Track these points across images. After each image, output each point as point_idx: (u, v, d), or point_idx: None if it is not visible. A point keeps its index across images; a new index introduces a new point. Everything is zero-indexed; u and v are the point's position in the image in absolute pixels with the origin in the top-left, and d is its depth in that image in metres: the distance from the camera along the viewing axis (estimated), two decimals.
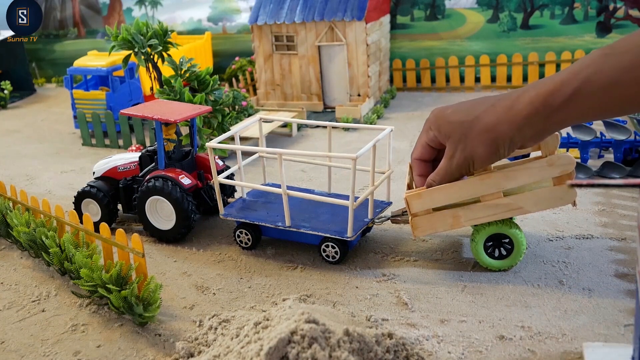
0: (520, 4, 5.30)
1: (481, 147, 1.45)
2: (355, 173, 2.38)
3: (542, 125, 1.42)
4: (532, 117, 1.41)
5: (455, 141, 1.50)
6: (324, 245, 2.52)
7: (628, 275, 2.30)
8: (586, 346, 1.84)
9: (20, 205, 2.81)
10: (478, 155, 1.45)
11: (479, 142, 1.45)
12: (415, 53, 5.55)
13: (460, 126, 1.50)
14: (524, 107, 1.42)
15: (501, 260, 2.36)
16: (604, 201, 2.93)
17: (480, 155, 1.46)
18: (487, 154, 1.46)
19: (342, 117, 4.57)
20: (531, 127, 1.42)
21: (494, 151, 1.45)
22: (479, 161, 1.48)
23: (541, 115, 1.40)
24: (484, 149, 1.44)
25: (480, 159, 1.47)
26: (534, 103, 1.41)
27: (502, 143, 1.44)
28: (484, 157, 1.47)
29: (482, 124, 1.46)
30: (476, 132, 1.45)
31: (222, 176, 2.75)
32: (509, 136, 1.43)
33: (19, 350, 2.10)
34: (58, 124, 5.14)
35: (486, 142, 1.44)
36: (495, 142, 1.44)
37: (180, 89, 3.57)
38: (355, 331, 1.76)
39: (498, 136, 1.43)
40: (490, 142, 1.44)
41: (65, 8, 6.71)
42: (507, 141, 1.43)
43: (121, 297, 2.14)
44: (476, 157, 1.46)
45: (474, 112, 1.50)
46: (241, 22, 6.04)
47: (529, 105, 1.42)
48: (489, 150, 1.45)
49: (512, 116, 1.43)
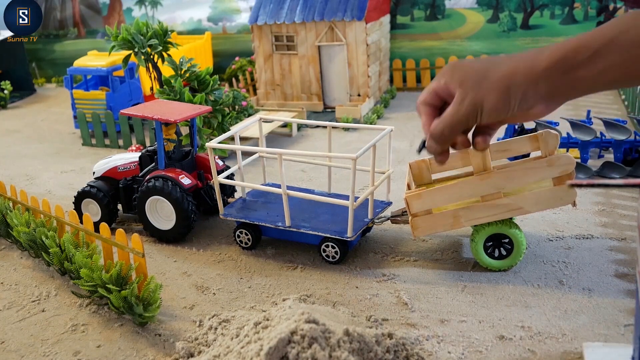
0: (520, 4, 5.30)
1: (493, 95, 1.39)
2: (355, 173, 2.38)
3: (560, 81, 1.36)
4: (550, 70, 1.36)
5: (467, 87, 1.43)
6: (324, 245, 2.52)
7: (628, 275, 2.30)
8: (586, 346, 1.84)
9: (20, 205, 2.81)
10: (488, 102, 1.40)
11: (491, 89, 1.39)
12: (415, 53, 5.55)
13: (474, 73, 1.43)
14: (544, 59, 1.37)
15: (501, 260, 2.36)
16: (604, 201, 2.93)
17: (491, 103, 1.40)
18: (498, 102, 1.39)
19: (342, 117, 4.57)
20: (547, 82, 1.37)
21: (505, 101, 1.39)
22: (488, 109, 1.41)
23: (560, 69, 1.35)
24: (496, 96, 1.38)
25: (489, 107, 1.41)
26: (554, 56, 1.36)
27: (514, 94, 1.38)
28: (494, 105, 1.40)
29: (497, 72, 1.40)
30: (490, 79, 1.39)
31: (222, 176, 2.75)
32: (523, 88, 1.37)
33: (19, 350, 2.10)
34: (58, 124, 5.14)
35: (499, 90, 1.38)
36: (508, 91, 1.38)
37: (180, 89, 3.57)
38: (355, 331, 1.76)
39: (512, 85, 1.37)
40: (504, 90, 1.38)
41: (65, 8, 6.71)
42: (520, 93, 1.37)
43: (121, 297, 2.14)
44: (486, 105, 1.40)
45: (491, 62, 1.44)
46: (241, 22, 6.04)
47: (549, 58, 1.37)
48: (501, 99, 1.38)
49: (529, 68, 1.38)
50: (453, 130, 1.44)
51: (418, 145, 1.52)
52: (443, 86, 1.47)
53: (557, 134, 2.37)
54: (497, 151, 2.44)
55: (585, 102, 4.60)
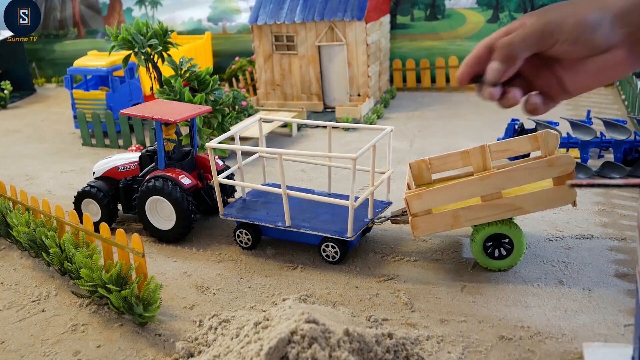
0: (520, 4, 5.30)
1: (574, 18, 1.14)
2: (355, 173, 2.38)
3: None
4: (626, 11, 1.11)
5: (544, 10, 1.17)
6: (324, 245, 2.52)
7: (628, 275, 2.30)
8: (586, 346, 1.84)
9: (20, 205, 2.81)
10: (566, 21, 1.15)
11: (572, 13, 1.14)
12: (415, 53, 5.55)
13: (550, 7, 1.18)
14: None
15: (501, 260, 2.36)
16: (604, 201, 2.93)
17: (569, 24, 1.14)
18: (579, 25, 1.14)
19: (342, 117, 4.57)
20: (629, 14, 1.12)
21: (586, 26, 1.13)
22: (567, 30, 1.14)
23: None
24: (577, 19, 1.13)
25: (566, 30, 1.15)
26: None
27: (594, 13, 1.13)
28: (573, 26, 1.14)
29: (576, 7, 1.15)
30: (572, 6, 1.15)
31: (222, 176, 2.75)
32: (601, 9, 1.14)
33: (19, 350, 2.10)
34: (58, 124, 5.14)
35: (580, 15, 1.13)
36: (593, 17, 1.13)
37: (180, 89, 3.57)
38: (355, 331, 1.76)
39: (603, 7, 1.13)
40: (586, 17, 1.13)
41: (65, 8, 6.71)
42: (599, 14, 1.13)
43: (121, 297, 2.14)
44: (562, 24, 1.15)
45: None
46: (241, 22, 6.04)
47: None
48: (582, 23, 1.13)
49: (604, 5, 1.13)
50: (523, 44, 1.17)
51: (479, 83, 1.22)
52: (518, 24, 1.20)
53: (557, 134, 2.37)
54: (497, 151, 2.45)
55: (585, 102, 4.60)
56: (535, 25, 1.17)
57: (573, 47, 1.15)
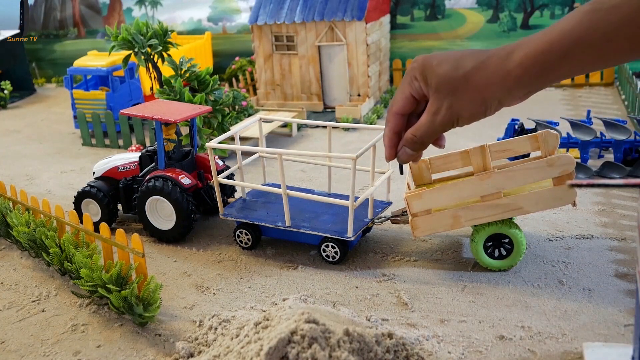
0: (520, 4, 5.31)
1: (469, 107, 1.45)
2: (355, 173, 2.38)
3: (534, 85, 1.43)
4: (523, 79, 1.43)
5: (442, 97, 1.47)
6: (324, 245, 2.52)
7: (628, 275, 2.30)
8: (586, 346, 1.84)
9: (20, 205, 2.81)
10: (465, 114, 1.46)
11: (468, 101, 1.44)
12: (415, 53, 5.55)
13: (448, 81, 1.47)
14: (515, 69, 1.41)
15: (501, 260, 2.36)
16: (604, 201, 2.93)
17: (468, 115, 1.47)
18: (475, 113, 1.46)
19: (342, 117, 4.57)
20: (522, 88, 1.45)
21: (482, 111, 1.45)
22: (465, 120, 1.48)
23: (532, 76, 1.41)
24: (473, 108, 1.44)
25: (466, 118, 1.48)
26: (525, 64, 1.40)
27: (490, 104, 1.44)
28: (470, 116, 1.47)
29: (472, 83, 1.45)
30: (466, 91, 1.44)
31: (222, 176, 2.75)
32: (498, 97, 1.43)
33: (19, 350, 2.10)
34: (58, 124, 5.14)
35: (475, 102, 1.43)
36: (485, 103, 1.43)
37: (180, 89, 3.57)
38: (355, 331, 1.76)
39: (488, 97, 1.43)
40: (480, 102, 1.43)
41: (65, 8, 6.71)
42: (496, 102, 1.43)
43: (121, 297, 2.14)
44: (462, 116, 1.47)
45: (463, 67, 1.48)
46: (241, 22, 6.04)
47: (520, 67, 1.41)
48: (477, 110, 1.45)
49: (502, 78, 1.42)
50: (431, 138, 1.50)
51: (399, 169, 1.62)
52: (418, 89, 1.49)
53: (557, 134, 2.37)
54: (497, 151, 2.44)
55: (585, 102, 4.60)
56: (440, 120, 1.48)
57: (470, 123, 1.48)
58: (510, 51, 1.41)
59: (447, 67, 1.47)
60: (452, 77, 1.45)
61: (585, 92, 4.91)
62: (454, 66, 1.46)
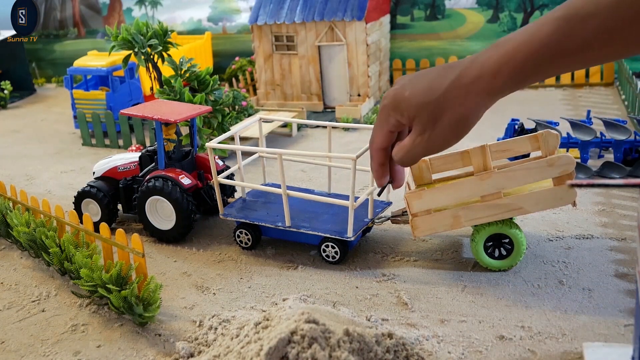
0: (520, 4, 5.30)
1: (450, 133, 1.48)
2: (355, 173, 2.38)
3: (508, 92, 1.48)
4: (496, 93, 1.48)
5: (423, 123, 1.50)
6: (324, 245, 2.52)
7: (628, 275, 2.30)
8: (586, 346, 1.84)
9: (20, 205, 2.81)
10: (447, 140, 1.51)
11: (448, 128, 1.47)
12: (415, 53, 5.55)
13: (425, 108, 1.51)
14: (489, 84, 1.45)
15: (501, 260, 2.36)
16: (604, 201, 2.93)
17: (450, 140, 1.51)
18: (456, 137, 1.50)
19: (342, 117, 4.57)
20: (496, 98, 1.47)
21: (463, 134, 1.49)
22: (448, 145, 1.52)
23: (507, 86, 1.47)
24: (454, 133, 1.48)
25: (449, 143, 1.52)
26: (499, 78, 1.43)
27: (470, 123, 1.48)
28: (453, 140, 1.51)
29: (449, 108, 1.47)
30: (444, 116, 1.47)
31: (222, 176, 2.75)
32: (476, 114, 1.47)
33: (19, 350, 2.10)
34: (58, 124, 5.14)
35: (456, 127, 1.47)
36: (465, 124, 1.47)
37: (180, 89, 3.57)
38: (355, 331, 1.76)
39: (466, 118, 1.46)
40: (462, 128, 1.48)
41: (65, 8, 6.70)
42: (475, 119, 1.47)
43: (121, 297, 2.14)
44: (445, 142, 1.51)
45: (436, 89, 1.51)
46: (241, 22, 6.04)
47: (493, 81, 1.44)
48: (459, 134, 1.49)
49: (477, 95, 1.45)
50: (415, 161, 1.56)
51: (379, 192, 1.66)
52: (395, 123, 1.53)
53: (557, 134, 2.37)
54: (497, 151, 2.44)
55: (585, 102, 4.60)
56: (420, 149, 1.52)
57: None
58: (483, 61, 1.43)
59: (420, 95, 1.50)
60: (427, 103, 1.47)
61: (585, 92, 4.91)
62: (427, 92, 1.49)
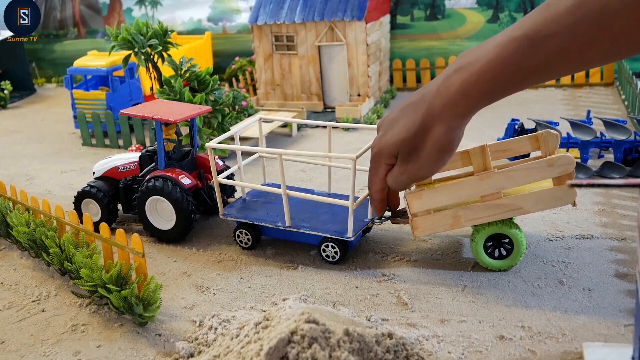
0: (520, 4, 5.31)
1: (434, 159, 1.70)
2: (355, 173, 2.38)
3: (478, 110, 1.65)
4: (467, 113, 1.62)
5: (404, 156, 1.71)
6: (323, 245, 2.52)
7: (628, 275, 2.30)
8: (586, 346, 1.85)
9: (20, 205, 2.81)
10: (431, 166, 1.74)
11: (430, 155, 1.68)
12: (415, 53, 5.55)
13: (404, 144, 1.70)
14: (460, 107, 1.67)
15: (501, 260, 2.36)
16: (604, 201, 2.93)
17: (434, 165, 1.74)
18: (441, 161, 1.71)
19: (342, 117, 4.57)
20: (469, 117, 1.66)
21: (448, 157, 1.71)
22: (434, 169, 1.76)
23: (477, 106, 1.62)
24: (437, 158, 1.69)
25: (435, 167, 1.76)
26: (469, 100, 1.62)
27: (452, 147, 1.67)
28: (438, 164, 1.74)
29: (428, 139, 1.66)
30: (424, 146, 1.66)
31: (222, 176, 2.75)
32: (453, 136, 1.65)
33: (19, 350, 2.10)
34: (58, 124, 5.14)
35: (437, 153, 1.68)
36: (446, 149, 1.67)
37: (180, 89, 3.57)
38: (355, 331, 1.76)
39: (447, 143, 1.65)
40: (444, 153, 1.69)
41: (65, 8, 6.71)
42: (456, 141, 1.66)
43: (121, 297, 2.14)
44: (430, 168, 1.74)
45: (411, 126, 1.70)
46: (241, 22, 6.04)
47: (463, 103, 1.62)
48: (443, 158, 1.70)
49: (450, 120, 1.61)
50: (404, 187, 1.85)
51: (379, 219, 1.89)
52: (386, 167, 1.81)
53: (557, 134, 2.37)
54: (497, 151, 2.44)
55: (585, 102, 4.61)
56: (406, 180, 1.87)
57: None
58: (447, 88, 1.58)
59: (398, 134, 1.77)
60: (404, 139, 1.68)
61: (585, 92, 4.91)
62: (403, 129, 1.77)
